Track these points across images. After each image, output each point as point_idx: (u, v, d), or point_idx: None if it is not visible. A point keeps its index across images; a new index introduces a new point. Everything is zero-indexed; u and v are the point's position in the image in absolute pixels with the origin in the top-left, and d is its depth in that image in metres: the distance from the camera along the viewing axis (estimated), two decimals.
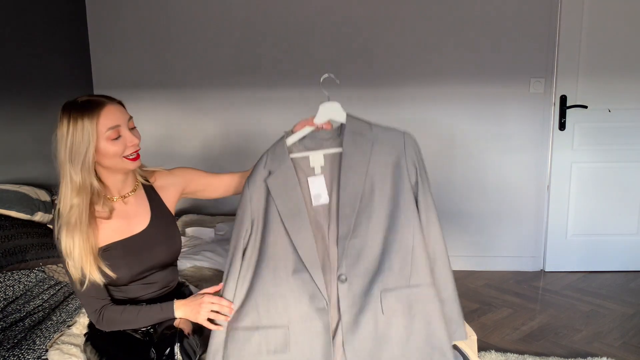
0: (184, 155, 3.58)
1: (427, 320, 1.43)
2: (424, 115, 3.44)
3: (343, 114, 1.54)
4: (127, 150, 1.47)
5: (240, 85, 3.53)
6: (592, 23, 3.21)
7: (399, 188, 1.47)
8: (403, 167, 1.48)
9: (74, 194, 1.43)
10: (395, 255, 1.44)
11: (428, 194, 1.50)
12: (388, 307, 1.42)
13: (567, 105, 3.30)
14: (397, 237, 1.45)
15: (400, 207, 1.46)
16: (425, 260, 1.46)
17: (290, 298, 1.45)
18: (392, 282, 1.43)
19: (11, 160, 2.77)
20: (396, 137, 1.50)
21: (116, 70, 3.57)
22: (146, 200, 1.61)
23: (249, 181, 1.52)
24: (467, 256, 3.58)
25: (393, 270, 1.43)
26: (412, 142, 1.51)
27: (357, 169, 1.47)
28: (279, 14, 3.43)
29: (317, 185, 1.52)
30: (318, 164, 1.52)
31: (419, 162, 1.51)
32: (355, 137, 1.49)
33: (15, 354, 1.58)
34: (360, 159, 1.47)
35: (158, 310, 1.51)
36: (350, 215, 1.45)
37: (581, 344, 2.55)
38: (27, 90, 2.91)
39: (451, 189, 3.51)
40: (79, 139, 1.40)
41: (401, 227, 1.45)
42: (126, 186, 1.58)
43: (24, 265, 2.20)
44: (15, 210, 2.39)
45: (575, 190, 3.41)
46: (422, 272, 1.45)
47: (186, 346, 1.42)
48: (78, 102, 1.44)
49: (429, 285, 1.45)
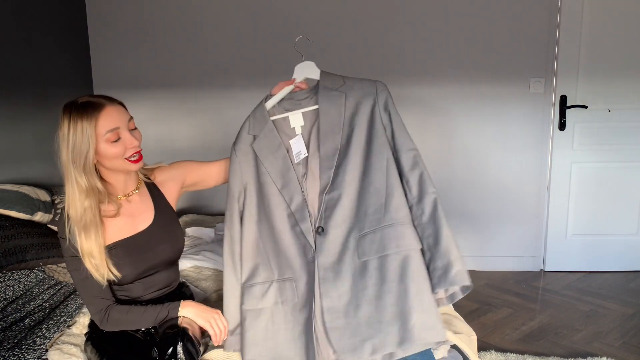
0: (184, 155, 3.56)
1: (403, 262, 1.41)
2: (424, 115, 3.44)
3: (317, 71, 1.62)
4: (127, 152, 1.47)
5: (240, 85, 3.53)
6: (592, 23, 3.21)
7: (372, 134, 1.52)
8: (376, 113, 1.55)
9: (82, 196, 1.43)
10: (369, 198, 1.48)
11: (404, 133, 1.54)
12: (363, 250, 1.46)
13: (567, 105, 3.31)
14: (371, 180, 1.49)
15: (373, 152, 1.51)
16: (401, 200, 1.47)
17: (291, 252, 1.54)
18: (367, 226, 1.47)
19: (11, 160, 2.77)
20: (368, 85, 1.58)
21: (116, 70, 3.58)
22: (149, 198, 1.63)
23: (235, 148, 1.60)
24: (467, 256, 3.58)
25: (368, 214, 1.47)
26: (383, 88, 1.59)
27: (333, 124, 1.53)
28: (279, 13, 3.43)
29: (297, 144, 1.59)
30: (298, 124, 1.60)
31: (392, 106, 1.57)
32: (329, 92, 1.56)
33: (15, 354, 1.58)
34: (335, 112, 1.54)
35: (164, 310, 1.53)
36: (329, 169, 1.51)
37: (581, 344, 2.55)
38: (27, 90, 2.91)
39: (451, 189, 3.52)
40: (79, 141, 1.40)
41: (374, 171, 1.49)
42: (129, 185, 1.59)
43: (24, 265, 2.20)
44: (15, 210, 2.39)
45: (575, 190, 3.41)
46: (395, 212, 1.45)
47: (189, 346, 1.42)
48: (78, 102, 1.44)
49: (403, 224, 1.44)
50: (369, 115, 1.54)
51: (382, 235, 1.44)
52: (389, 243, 1.43)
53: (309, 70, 1.62)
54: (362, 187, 1.50)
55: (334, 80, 1.59)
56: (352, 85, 1.57)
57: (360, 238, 1.47)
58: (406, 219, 1.46)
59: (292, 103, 1.61)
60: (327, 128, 1.53)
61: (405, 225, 1.45)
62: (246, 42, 3.48)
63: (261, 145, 1.57)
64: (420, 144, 1.56)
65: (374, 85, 1.58)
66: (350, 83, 1.58)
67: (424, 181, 1.50)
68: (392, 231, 1.44)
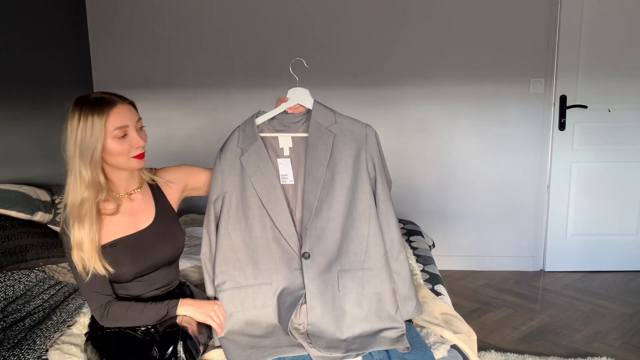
0: (184, 154, 3.58)
1: (378, 297, 1.58)
2: (424, 115, 3.44)
3: (311, 100, 1.64)
4: (132, 151, 1.49)
5: (240, 85, 3.53)
6: (592, 23, 3.21)
7: (358, 179, 1.59)
8: (363, 159, 1.60)
9: (83, 187, 1.45)
10: (351, 241, 1.58)
11: (385, 186, 1.62)
12: (343, 284, 1.58)
13: (567, 105, 3.31)
14: (354, 225, 1.58)
15: (358, 198, 1.59)
16: (380, 247, 1.58)
17: (271, 262, 1.62)
18: (347, 264, 1.58)
19: (11, 160, 2.77)
20: (359, 129, 1.62)
21: (116, 70, 3.58)
22: (151, 197, 1.64)
23: (221, 156, 1.64)
24: (467, 256, 3.59)
25: (349, 254, 1.58)
26: (373, 136, 1.63)
27: (320, 159, 1.58)
28: (279, 13, 3.43)
29: (284, 167, 1.64)
30: (287, 145, 1.64)
31: (379, 156, 1.62)
32: (319, 128, 1.60)
33: (15, 354, 1.58)
34: (323, 149, 1.59)
35: (163, 308, 1.53)
36: (312, 201, 1.59)
37: (581, 344, 2.55)
38: (27, 90, 2.91)
39: (451, 188, 3.52)
40: (89, 135, 1.42)
41: (358, 216, 1.58)
42: (131, 183, 1.60)
43: (24, 265, 2.20)
44: (15, 210, 2.39)
45: (575, 190, 3.41)
46: (375, 257, 1.58)
47: (189, 345, 1.43)
48: (90, 98, 1.46)
49: (381, 269, 1.58)
50: (356, 161, 1.60)
51: (363, 276, 1.57)
52: (368, 284, 1.57)
53: (303, 98, 1.64)
54: (345, 229, 1.59)
55: (326, 115, 1.62)
56: (343, 126, 1.62)
57: (341, 272, 1.58)
58: (384, 263, 1.59)
59: (282, 124, 1.66)
60: (314, 161, 1.59)
61: (383, 269, 1.58)
62: (246, 43, 3.48)
63: (249, 160, 1.61)
64: (420, 144, 1.57)
65: (364, 131, 1.62)
66: (341, 122, 1.62)
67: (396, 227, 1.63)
68: (371, 274, 1.57)
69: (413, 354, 1.48)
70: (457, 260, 3.59)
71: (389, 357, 1.46)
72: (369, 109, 3.47)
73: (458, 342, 1.61)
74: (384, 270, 1.57)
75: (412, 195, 3.55)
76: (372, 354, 1.48)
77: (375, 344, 1.49)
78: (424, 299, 1.88)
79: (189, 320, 1.55)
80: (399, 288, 1.61)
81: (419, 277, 2.13)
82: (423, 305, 1.81)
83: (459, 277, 3.45)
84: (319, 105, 1.63)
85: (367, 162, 1.60)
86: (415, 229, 2.89)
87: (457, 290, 3.23)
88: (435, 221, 3.56)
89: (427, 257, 2.43)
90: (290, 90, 1.64)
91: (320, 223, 1.59)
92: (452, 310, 1.86)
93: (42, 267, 2.26)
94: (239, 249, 1.62)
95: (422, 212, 3.56)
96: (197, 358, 1.45)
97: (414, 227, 2.93)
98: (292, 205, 1.64)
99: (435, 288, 2.06)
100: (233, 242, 1.62)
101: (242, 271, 1.61)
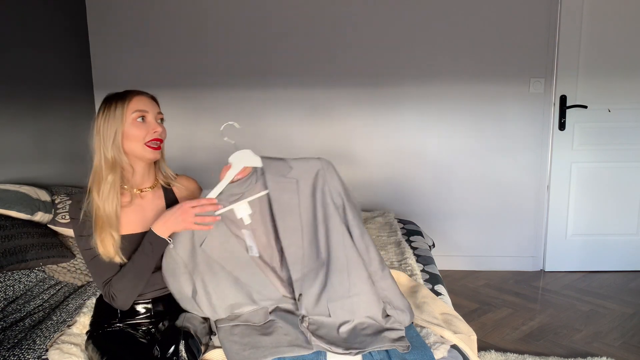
0: (184, 154, 3.58)
1: (370, 319, 1.58)
2: (424, 115, 3.44)
3: (257, 158, 1.61)
4: (148, 136, 1.55)
5: (240, 85, 3.53)
6: (592, 23, 3.21)
7: (327, 213, 1.61)
8: (327, 192, 1.62)
9: (107, 170, 1.51)
10: (333, 273, 1.58)
11: (354, 211, 1.64)
12: (334, 311, 1.58)
13: (567, 105, 3.31)
14: (333, 257, 1.59)
15: (330, 230, 1.60)
16: (362, 272, 1.59)
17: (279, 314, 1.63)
18: (334, 295, 1.58)
19: (11, 160, 2.77)
20: (315, 166, 1.63)
21: (116, 70, 3.58)
22: (162, 199, 1.66)
23: (178, 249, 1.55)
24: (467, 256, 3.59)
25: (334, 285, 1.58)
26: (330, 167, 1.64)
27: (289, 211, 1.60)
28: (279, 14, 3.43)
29: (248, 239, 1.62)
30: (245, 213, 1.60)
31: (340, 184, 1.63)
32: (278, 178, 1.60)
33: (15, 354, 1.58)
34: (289, 200, 1.60)
35: (146, 246, 1.52)
36: (298, 253, 1.61)
37: (581, 344, 2.55)
38: (27, 90, 2.91)
39: (451, 188, 3.52)
40: (111, 119, 1.52)
41: (334, 248, 1.59)
42: (145, 180, 1.64)
43: (24, 265, 2.20)
44: (15, 210, 2.39)
45: (575, 190, 3.41)
46: (360, 283, 1.58)
47: (191, 344, 1.43)
48: (118, 92, 1.58)
49: (367, 293, 1.58)
50: (322, 197, 1.62)
51: (352, 303, 1.57)
52: (358, 310, 1.57)
53: (248, 159, 1.59)
54: (326, 263, 1.60)
55: (279, 166, 1.62)
56: (299, 169, 1.62)
57: (330, 302, 1.59)
58: (369, 287, 1.59)
59: (233, 194, 1.60)
60: (285, 216, 1.60)
61: (370, 293, 1.58)
62: (246, 43, 3.48)
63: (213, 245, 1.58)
64: (420, 144, 1.57)
65: (320, 165, 1.63)
66: (295, 166, 1.62)
67: (373, 248, 1.65)
68: (359, 301, 1.58)
69: (413, 354, 1.48)
70: (457, 260, 3.59)
71: (389, 357, 1.46)
72: (369, 109, 3.47)
73: (458, 342, 1.61)
74: (371, 293, 1.58)
75: (412, 195, 3.55)
76: (372, 353, 1.48)
77: (375, 343, 1.50)
78: (424, 299, 1.88)
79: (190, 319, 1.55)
80: (392, 302, 1.62)
81: (419, 277, 2.13)
82: (423, 305, 1.81)
83: (459, 277, 3.45)
84: (268, 160, 1.62)
85: (332, 194, 1.62)
86: (415, 229, 2.88)
87: (457, 290, 3.23)
88: (435, 221, 3.57)
89: (427, 257, 2.43)
90: (231, 156, 1.58)
91: (307, 269, 1.61)
92: (452, 310, 1.86)
93: (42, 267, 2.27)
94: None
95: (422, 212, 3.56)
96: (198, 358, 1.45)
97: (413, 227, 2.93)
98: (271, 264, 1.65)
99: (435, 288, 2.05)
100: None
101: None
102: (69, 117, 3.30)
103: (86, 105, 3.55)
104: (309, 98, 3.50)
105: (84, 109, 3.52)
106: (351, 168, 3.56)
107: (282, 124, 3.55)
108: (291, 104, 3.51)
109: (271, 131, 3.56)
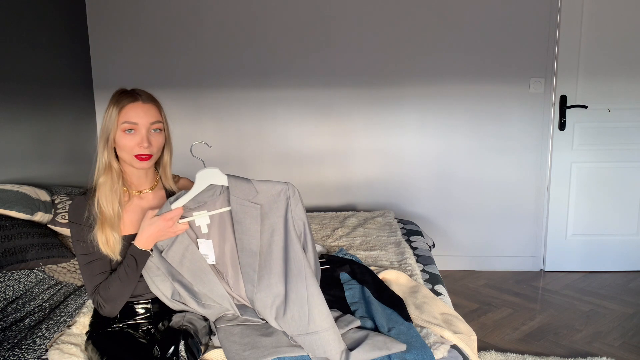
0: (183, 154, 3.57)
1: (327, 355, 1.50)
2: (424, 115, 3.44)
3: (224, 177, 1.58)
4: (135, 150, 1.52)
5: (240, 85, 3.53)
6: (592, 23, 3.21)
7: (288, 240, 1.57)
8: (290, 219, 1.59)
9: (101, 171, 1.54)
10: (293, 305, 1.53)
11: (311, 242, 1.61)
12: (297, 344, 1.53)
13: (567, 105, 3.31)
14: (292, 287, 1.54)
15: (290, 259, 1.56)
16: (323, 307, 1.52)
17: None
18: (294, 329, 1.52)
19: (11, 160, 2.77)
20: (280, 192, 1.59)
21: (116, 70, 3.58)
22: (164, 201, 1.66)
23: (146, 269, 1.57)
24: (467, 256, 3.59)
25: (294, 319, 1.52)
26: (295, 193, 1.60)
27: (251, 233, 1.57)
28: (280, 14, 3.44)
29: (205, 247, 1.60)
30: (204, 223, 1.60)
31: (303, 212, 1.60)
32: (242, 203, 1.57)
33: (15, 354, 1.58)
34: (252, 222, 1.57)
35: (129, 259, 1.52)
36: (252, 274, 1.58)
37: (581, 344, 2.55)
38: (27, 90, 2.91)
39: (451, 189, 3.52)
40: (107, 122, 1.53)
41: (294, 278, 1.54)
42: (143, 183, 1.64)
43: (24, 265, 2.20)
44: (15, 210, 2.39)
45: (575, 190, 3.41)
46: (319, 318, 1.50)
47: (191, 344, 1.43)
48: (123, 90, 1.57)
49: (327, 330, 1.48)
50: (285, 223, 1.58)
51: (311, 341, 1.49)
52: (318, 348, 1.48)
53: (215, 178, 1.57)
54: (286, 291, 1.55)
55: (245, 188, 1.57)
56: (265, 193, 1.58)
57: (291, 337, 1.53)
58: (330, 324, 1.50)
59: (196, 201, 1.58)
60: (244, 236, 1.57)
61: (330, 330, 1.49)
62: (246, 43, 3.48)
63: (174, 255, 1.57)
64: (420, 144, 1.57)
65: (287, 191, 1.59)
66: (262, 192, 1.58)
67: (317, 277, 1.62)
68: (318, 338, 1.48)
69: (413, 354, 1.48)
70: (457, 260, 3.59)
71: (389, 357, 1.46)
72: (369, 109, 3.47)
73: (458, 342, 1.61)
74: (332, 331, 1.48)
75: (412, 195, 3.55)
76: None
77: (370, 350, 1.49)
78: (424, 299, 1.88)
79: (190, 319, 1.55)
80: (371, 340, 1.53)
81: (419, 277, 2.13)
82: (423, 305, 1.81)
83: (459, 277, 3.45)
84: (235, 180, 1.57)
85: (295, 221, 1.58)
86: (415, 229, 2.88)
87: (457, 290, 3.23)
88: (435, 221, 3.57)
89: (427, 257, 2.43)
90: (198, 174, 1.56)
91: (263, 292, 1.57)
92: (452, 310, 1.86)
93: (42, 267, 2.27)
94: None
95: (422, 212, 3.56)
96: (198, 358, 1.45)
97: (413, 227, 2.93)
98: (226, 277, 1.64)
99: (435, 288, 2.05)
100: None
101: None
102: (69, 117, 3.30)
103: (86, 105, 3.55)
104: (308, 98, 3.50)
105: (84, 109, 3.52)
106: (351, 168, 3.56)
107: (282, 124, 3.55)
108: (291, 104, 3.51)
109: (271, 131, 3.56)
